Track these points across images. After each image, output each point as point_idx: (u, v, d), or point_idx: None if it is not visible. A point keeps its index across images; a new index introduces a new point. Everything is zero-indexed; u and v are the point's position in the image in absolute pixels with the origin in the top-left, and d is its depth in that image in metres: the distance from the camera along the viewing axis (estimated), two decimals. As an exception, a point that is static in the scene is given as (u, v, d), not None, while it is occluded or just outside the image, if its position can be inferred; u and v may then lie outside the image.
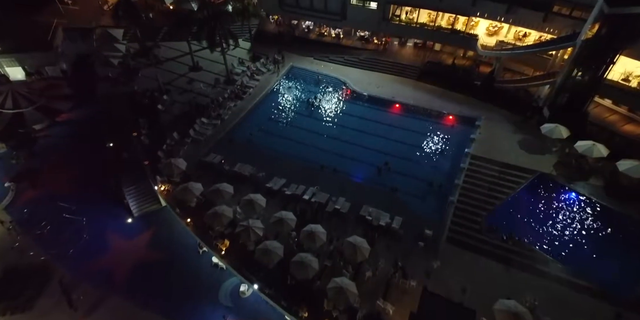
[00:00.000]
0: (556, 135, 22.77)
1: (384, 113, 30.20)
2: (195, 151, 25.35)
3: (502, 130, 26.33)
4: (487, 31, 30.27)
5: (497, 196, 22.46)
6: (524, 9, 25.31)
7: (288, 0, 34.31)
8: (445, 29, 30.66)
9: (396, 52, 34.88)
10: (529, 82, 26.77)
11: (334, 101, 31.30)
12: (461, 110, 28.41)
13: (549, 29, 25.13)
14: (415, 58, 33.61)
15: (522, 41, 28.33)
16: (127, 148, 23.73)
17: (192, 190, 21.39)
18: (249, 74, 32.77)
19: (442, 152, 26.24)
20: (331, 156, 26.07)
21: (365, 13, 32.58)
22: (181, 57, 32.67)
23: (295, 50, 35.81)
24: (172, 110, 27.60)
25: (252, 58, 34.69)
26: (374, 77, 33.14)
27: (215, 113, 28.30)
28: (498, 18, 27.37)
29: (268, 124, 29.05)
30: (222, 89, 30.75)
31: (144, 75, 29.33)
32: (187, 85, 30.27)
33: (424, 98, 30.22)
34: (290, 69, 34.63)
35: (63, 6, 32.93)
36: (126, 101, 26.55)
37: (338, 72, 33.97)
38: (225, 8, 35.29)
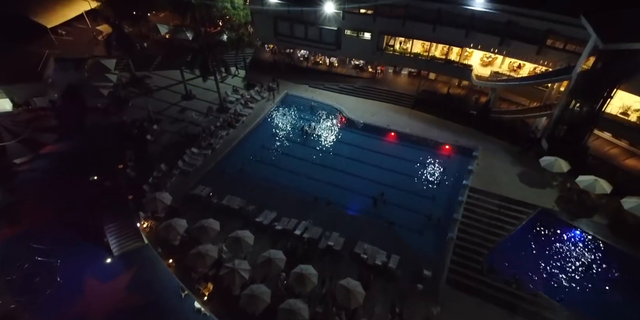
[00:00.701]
0: (556, 169, 22.05)
1: (379, 142, 29.65)
2: (183, 183, 24.44)
3: (501, 161, 25.65)
4: (481, 61, 30.34)
5: (498, 233, 21.38)
6: (517, 42, 25.42)
7: (283, 30, 34.74)
8: (439, 59, 30.79)
9: (391, 80, 34.91)
10: (526, 113, 26.43)
11: (328, 129, 30.82)
12: (458, 140, 27.85)
13: (543, 61, 25.11)
14: (410, 86, 33.56)
15: (517, 72, 28.32)
16: (111, 182, 22.79)
17: (176, 228, 20.28)
18: (242, 102, 32.51)
19: (439, 184, 25.40)
20: (325, 186, 25.23)
21: (360, 43, 32.88)
22: (174, 85, 32.54)
23: (290, 78, 35.85)
24: (162, 140, 26.96)
25: (246, 86, 34.61)
26: (368, 105, 32.92)
27: (206, 142, 27.66)
28: (491, 50, 27.50)
29: (261, 152, 28.38)
30: (215, 118, 30.32)
31: (135, 104, 28.97)
32: (178, 114, 29.86)
33: (419, 127, 29.79)
34: (284, 96, 34.47)
35: (57, 37, 33.24)
36: (114, 132, 25.94)
37: (333, 99, 33.79)
38: (220, 37, 35.90)
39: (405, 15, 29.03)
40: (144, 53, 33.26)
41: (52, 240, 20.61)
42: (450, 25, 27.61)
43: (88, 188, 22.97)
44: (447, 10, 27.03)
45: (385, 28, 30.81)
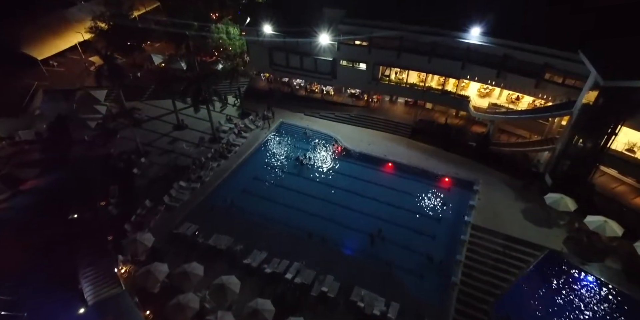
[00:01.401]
0: (562, 207, 20.88)
1: (376, 172, 28.62)
2: (169, 221, 23.06)
3: (503, 196, 24.49)
4: (478, 93, 30.00)
5: (505, 277, 19.84)
6: (514, 75, 25.08)
7: (278, 60, 34.73)
8: (436, 89, 30.48)
9: (387, 109, 34.48)
10: (526, 147, 25.65)
11: (324, 159, 29.89)
12: (457, 172, 26.84)
13: (542, 95, 24.66)
14: (406, 116, 33.05)
15: (516, 104, 27.88)
16: (91, 221, 21.43)
17: (156, 274, 18.69)
18: (236, 132, 31.77)
19: (439, 220, 24.08)
20: (320, 221, 23.93)
21: (355, 73, 32.72)
22: (166, 115, 31.95)
23: (286, 106, 35.42)
24: (149, 173, 25.88)
25: (241, 115, 34.06)
26: (365, 134, 32.23)
27: (196, 175, 26.57)
28: (488, 82, 27.18)
29: (253, 184, 27.25)
30: (207, 148, 29.43)
31: (123, 136, 28.14)
32: (168, 145, 28.97)
33: (417, 157, 28.90)
34: (279, 125, 33.83)
35: (48, 68, 33.07)
36: (99, 166, 24.91)
37: (328, 128, 33.15)
38: (215, 66, 35.81)
39: (400, 47, 28.99)
40: (137, 83, 32.93)
41: (21, 289, 18.93)
42: (446, 58, 27.45)
43: (66, 228, 21.55)
44: (443, 43, 26.96)
45: (380, 59, 30.72)
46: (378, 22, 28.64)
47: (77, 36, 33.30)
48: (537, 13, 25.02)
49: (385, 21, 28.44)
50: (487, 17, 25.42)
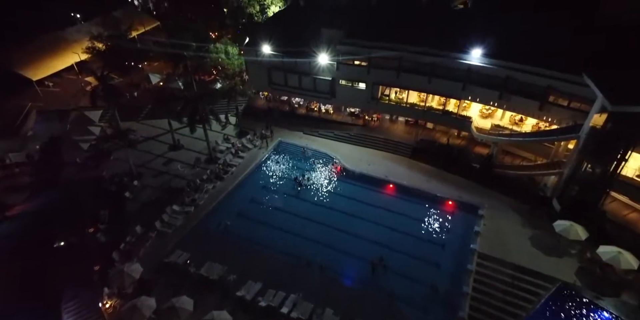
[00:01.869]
0: (573, 236, 19.84)
1: (376, 194, 27.70)
2: (159, 248, 22.01)
3: (509, 222, 23.46)
4: (480, 113, 29.40)
5: (515, 312, 18.60)
6: (517, 97, 24.55)
7: (277, 79, 34.48)
8: (437, 109, 29.99)
9: (387, 128, 33.88)
10: (532, 170, 24.83)
11: (323, 179, 29.03)
12: (460, 195, 25.90)
13: (546, 117, 24.07)
14: (407, 135, 32.40)
15: (519, 126, 27.23)
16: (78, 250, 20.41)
17: (143, 310, 17.48)
18: (233, 151, 31.08)
19: (444, 246, 22.99)
20: (318, 248, 22.87)
21: (354, 92, 32.35)
22: (162, 135, 31.36)
23: (285, 125, 34.90)
24: (142, 197, 25.01)
25: (238, 134, 33.47)
26: (365, 154, 31.51)
27: (190, 198, 25.68)
28: (491, 103, 26.66)
29: (249, 207, 26.31)
30: (202, 169, 28.65)
31: (117, 157, 27.45)
32: (163, 166, 28.22)
33: (418, 178, 28.05)
34: (278, 144, 33.16)
35: (43, 89, 32.80)
36: (90, 189, 24.08)
37: (328, 147, 32.46)
38: (214, 86, 35.56)
39: (399, 68, 28.67)
40: (134, 102, 32.58)
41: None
42: (446, 78, 27.04)
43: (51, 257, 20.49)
44: (442, 63, 26.61)
45: (379, 79, 30.37)
46: (377, 42, 28.46)
47: (74, 56, 33.18)
48: (539, 34, 24.73)
49: (384, 42, 28.30)
50: (488, 38, 25.19)
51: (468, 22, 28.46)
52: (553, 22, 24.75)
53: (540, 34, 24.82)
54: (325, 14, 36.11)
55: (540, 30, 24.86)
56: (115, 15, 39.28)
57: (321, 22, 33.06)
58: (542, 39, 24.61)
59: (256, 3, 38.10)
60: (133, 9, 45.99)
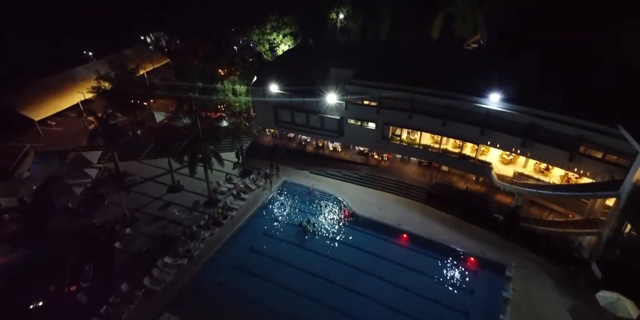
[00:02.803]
0: (621, 312, 16.83)
1: (388, 245, 25.22)
2: (145, 311, 19.63)
3: (543, 288, 20.45)
4: (501, 159, 27.27)
5: None
6: (542, 145, 22.47)
7: (284, 117, 33.56)
8: (452, 153, 28.03)
9: (399, 169, 31.93)
10: (564, 228, 22.08)
11: (330, 226, 26.82)
12: (483, 250, 23.20)
13: (578, 169, 21.85)
14: (421, 178, 30.33)
15: (545, 175, 24.91)
16: (55, 312, 18.25)
17: None
18: (234, 193, 29.39)
19: (467, 314, 19.97)
20: (323, 311, 20.24)
21: (364, 132, 30.95)
22: (162, 176, 30.06)
23: (290, 163, 33.41)
24: (133, 247, 23.10)
25: (241, 173, 32.02)
26: (375, 197, 29.41)
27: (184, 248, 23.66)
28: (512, 150, 24.59)
29: (248, 258, 24.10)
30: (201, 214, 26.87)
31: (111, 202, 26.01)
32: (159, 211, 26.51)
33: (435, 228, 25.57)
34: (282, 184, 31.45)
35: (45, 128, 32.46)
36: (78, 239, 22.38)
37: (335, 188, 30.55)
38: (219, 123, 34.80)
39: (411, 109, 27.32)
40: (137, 141, 31.79)
41: None
42: (462, 122, 25.39)
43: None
44: (458, 106, 25.11)
45: (390, 120, 28.97)
46: (387, 83, 27.38)
47: (79, 95, 33.16)
48: (562, 77, 23.29)
49: (395, 82, 27.24)
50: (506, 80, 23.82)
51: (483, 62, 27.46)
52: (579, 64, 23.34)
53: (565, 76, 23.41)
54: (335, 53, 36.01)
55: (565, 72, 23.47)
56: (126, 53, 40.40)
57: (330, 61, 32.68)
58: (567, 82, 23.09)
59: (266, 42, 38.31)
60: (145, 46, 47.17)
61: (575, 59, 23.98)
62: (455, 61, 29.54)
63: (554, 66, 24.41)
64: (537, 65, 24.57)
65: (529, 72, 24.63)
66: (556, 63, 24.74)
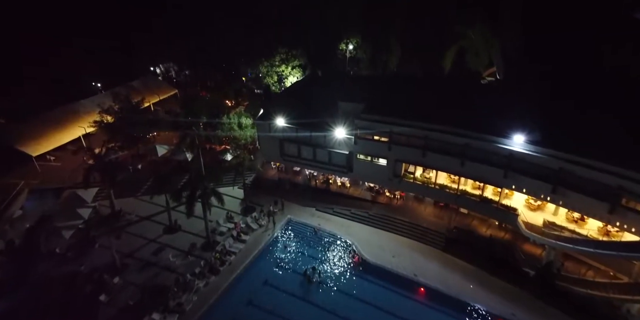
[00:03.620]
0: None
1: (402, 300, 22.54)
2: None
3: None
4: (527, 204, 24.75)
5: None
6: (577, 194, 19.94)
7: (289, 151, 32.08)
8: (472, 195, 25.62)
9: (413, 209, 29.47)
10: (608, 292, 19.08)
11: (337, 274, 24.33)
12: (514, 313, 20.15)
13: (621, 223, 19.19)
14: (437, 220, 27.76)
15: (579, 225, 22.21)
16: None
17: None
18: (234, 234, 27.35)
19: None
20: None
21: (374, 168, 29.02)
22: (159, 214, 28.40)
23: (295, 198, 31.47)
24: (120, 300, 20.94)
25: (244, 210, 30.14)
26: (387, 240, 26.93)
27: (176, 301, 21.37)
28: (541, 197, 22.06)
29: (244, 314, 21.62)
30: (197, 258, 24.79)
31: (103, 245, 24.29)
32: (152, 256, 24.52)
33: (455, 282, 22.77)
34: (287, 223, 29.35)
35: (43, 163, 31.62)
36: (62, 289, 20.45)
37: (344, 229, 28.24)
38: (223, 156, 33.55)
39: (425, 146, 25.46)
40: (137, 175, 30.62)
41: None
42: (483, 163, 23.24)
43: None
44: (477, 146, 23.10)
45: (402, 156, 27.05)
46: (398, 119, 25.77)
47: (81, 129, 32.65)
48: (602, 117, 21.13)
49: (407, 118, 25.62)
50: (529, 118, 21.90)
51: (502, 98, 25.71)
52: (616, 98, 21.30)
53: (599, 113, 21.33)
54: (344, 85, 35.05)
55: (600, 109, 21.40)
56: (133, 84, 40.48)
57: (339, 94, 31.57)
58: (601, 120, 20.96)
59: (274, 73, 37.85)
60: (153, 77, 47.40)
61: (611, 94, 21.93)
62: (472, 96, 27.84)
63: (584, 102, 22.45)
64: (563, 103, 22.67)
65: (555, 110, 22.70)
66: (585, 98, 22.79)
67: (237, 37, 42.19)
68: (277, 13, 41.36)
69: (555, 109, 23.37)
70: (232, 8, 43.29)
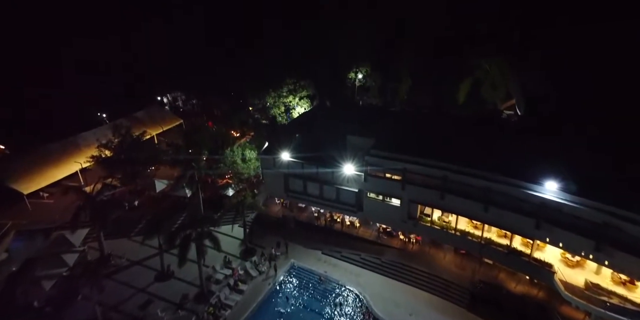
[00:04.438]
0: None
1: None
2: None
3: None
4: (563, 259, 21.52)
5: None
6: (626, 255, 16.96)
7: (295, 186, 30.04)
8: (499, 245, 22.66)
9: (431, 256, 26.39)
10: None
11: (345, 336, 21.29)
12: None
13: None
14: (460, 271, 24.56)
15: (629, 288, 18.92)
16: None
17: None
18: (231, 283, 24.71)
19: None
20: None
21: (386, 208, 26.54)
22: (153, 257, 26.11)
23: (300, 239, 28.93)
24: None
25: (243, 253, 27.69)
26: (403, 294, 23.83)
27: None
28: (582, 254, 19.02)
29: None
30: (188, 313, 22.18)
31: (86, 296, 22.01)
32: (138, 310, 21.95)
33: (483, 351, 19.45)
34: (289, 269, 26.67)
35: (35, 201, 30.15)
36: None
37: (353, 278, 25.33)
38: (225, 191, 31.72)
39: (443, 187, 23.05)
40: (130, 214, 28.85)
41: None
42: (510, 210, 20.57)
43: None
44: (503, 191, 20.59)
45: (417, 197, 24.63)
46: (411, 157, 23.68)
47: (77, 165, 31.56)
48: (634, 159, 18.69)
49: (421, 156, 23.47)
50: (560, 161, 19.44)
51: (527, 137, 23.36)
52: None
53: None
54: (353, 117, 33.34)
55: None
56: (137, 115, 39.89)
57: (348, 126, 29.81)
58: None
59: (281, 104, 36.78)
60: (159, 107, 46.84)
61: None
62: (493, 132, 25.78)
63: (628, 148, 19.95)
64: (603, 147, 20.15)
65: (594, 155, 20.19)
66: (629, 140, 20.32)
67: (248, 70, 42.20)
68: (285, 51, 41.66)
69: (594, 153, 20.81)
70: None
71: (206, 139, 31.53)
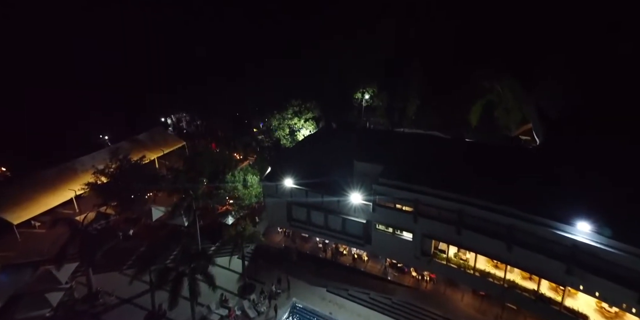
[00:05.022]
0: None
1: None
2: None
3: None
4: (598, 308, 18.88)
5: None
6: None
7: (298, 215, 28.29)
8: (523, 289, 20.21)
9: (447, 297, 23.85)
10: None
11: None
12: None
13: None
14: (479, 316, 21.86)
15: None
16: None
17: None
18: (227, 325, 22.72)
19: None
20: None
21: (397, 242, 24.46)
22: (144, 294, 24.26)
23: (303, 274, 26.77)
24: None
25: (241, 289, 25.62)
26: (416, 342, 21.38)
27: None
28: (624, 306, 16.59)
29: None
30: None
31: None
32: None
33: None
34: (291, 310, 24.40)
35: (25, 230, 28.60)
36: None
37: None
38: (224, 219, 30.08)
39: (460, 222, 21.06)
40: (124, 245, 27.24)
41: None
42: (537, 251, 18.36)
43: None
44: (527, 229, 18.50)
45: (431, 232, 22.59)
46: (424, 187, 21.89)
47: (72, 192, 30.46)
48: None
49: (435, 187, 21.62)
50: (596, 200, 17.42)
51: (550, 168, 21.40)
52: None
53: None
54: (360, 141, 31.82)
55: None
56: (139, 138, 39.13)
57: (355, 150, 28.27)
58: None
59: (286, 126, 35.72)
60: (161, 129, 45.85)
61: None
62: (512, 161, 23.85)
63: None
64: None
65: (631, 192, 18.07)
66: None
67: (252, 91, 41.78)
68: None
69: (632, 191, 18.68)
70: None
71: (207, 164, 30.36)
